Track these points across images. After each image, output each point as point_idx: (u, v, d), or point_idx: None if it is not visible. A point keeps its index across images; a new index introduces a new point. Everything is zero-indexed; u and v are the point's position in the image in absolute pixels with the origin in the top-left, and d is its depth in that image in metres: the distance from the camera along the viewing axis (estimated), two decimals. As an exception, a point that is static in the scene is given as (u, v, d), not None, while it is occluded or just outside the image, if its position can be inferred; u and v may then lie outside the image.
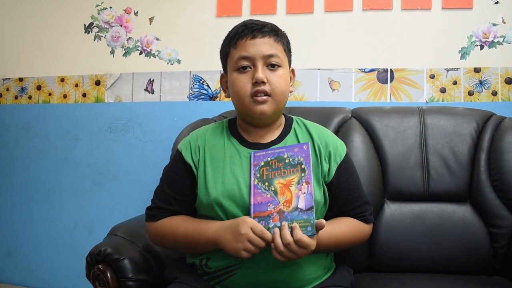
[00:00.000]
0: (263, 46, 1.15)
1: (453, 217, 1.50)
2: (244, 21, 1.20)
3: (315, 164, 1.19)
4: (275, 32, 1.18)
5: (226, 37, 1.22)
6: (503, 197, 1.48)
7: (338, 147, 1.25)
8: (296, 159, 1.10)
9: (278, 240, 0.99)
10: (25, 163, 2.26)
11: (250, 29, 1.16)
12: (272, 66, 1.15)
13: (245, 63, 1.15)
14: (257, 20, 1.19)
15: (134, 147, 2.13)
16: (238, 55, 1.15)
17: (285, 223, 1.01)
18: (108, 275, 1.19)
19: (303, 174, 1.08)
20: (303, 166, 1.09)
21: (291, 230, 1.00)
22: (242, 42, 1.16)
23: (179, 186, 1.20)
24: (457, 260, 1.47)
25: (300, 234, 0.98)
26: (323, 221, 1.01)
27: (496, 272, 1.46)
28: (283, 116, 1.28)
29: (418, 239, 1.49)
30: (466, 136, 1.57)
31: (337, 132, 1.63)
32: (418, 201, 1.54)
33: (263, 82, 1.13)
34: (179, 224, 1.16)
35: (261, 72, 1.13)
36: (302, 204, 1.04)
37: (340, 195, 1.21)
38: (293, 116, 1.31)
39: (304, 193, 1.05)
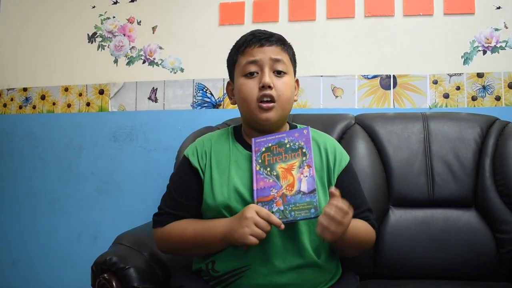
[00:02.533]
0: (271, 52, 1.19)
1: (458, 223, 1.50)
2: (252, 30, 1.24)
3: (321, 169, 1.20)
4: (282, 42, 1.23)
5: (234, 45, 1.25)
6: (509, 202, 1.48)
7: (343, 154, 1.27)
8: (297, 143, 1.12)
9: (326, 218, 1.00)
10: (29, 172, 2.26)
11: (258, 38, 1.20)
12: (279, 73, 1.18)
13: (253, 68, 1.18)
14: (264, 30, 1.23)
15: (138, 156, 2.13)
16: (245, 60, 1.19)
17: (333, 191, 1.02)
18: (114, 284, 1.19)
19: (304, 158, 1.09)
20: (304, 150, 1.10)
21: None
22: (250, 49, 1.19)
23: (186, 191, 1.21)
24: (463, 266, 1.46)
25: (339, 202, 1.00)
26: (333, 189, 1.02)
27: (502, 277, 1.45)
28: (287, 124, 1.30)
29: (423, 245, 1.48)
30: (470, 142, 1.56)
31: (340, 138, 1.64)
32: (423, 207, 1.54)
33: (270, 87, 1.15)
34: (187, 225, 1.17)
35: (268, 77, 1.16)
36: (304, 187, 1.06)
37: (345, 199, 1.20)
38: (297, 124, 1.32)
39: (306, 176, 1.07)
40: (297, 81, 1.30)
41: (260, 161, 1.13)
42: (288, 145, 1.13)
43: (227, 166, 1.20)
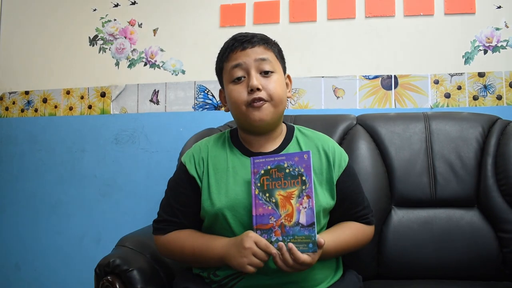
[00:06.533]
0: (254, 53, 1.17)
1: (461, 222, 1.50)
2: (234, 35, 1.22)
3: (320, 171, 1.20)
4: (265, 41, 1.20)
5: (219, 53, 1.24)
6: (511, 201, 1.47)
7: (342, 154, 1.27)
8: (296, 169, 1.08)
9: (280, 263, 1.02)
10: (32, 175, 2.26)
11: (240, 41, 1.18)
12: (266, 73, 1.16)
13: (239, 72, 1.16)
14: (246, 33, 1.21)
15: (140, 158, 2.14)
16: (230, 65, 1.18)
17: (282, 244, 1.02)
18: (117, 286, 1.19)
19: (303, 187, 1.06)
20: (303, 178, 1.07)
21: (289, 250, 1.02)
22: (233, 54, 1.18)
23: (184, 198, 1.21)
24: (466, 265, 1.46)
25: (300, 256, 1.01)
26: (321, 241, 1.03)
27: (505, 277, 1.45)
28: (284, 125, 1.29)
29: (426, 245, 1.48)
30: (472, 141, 1.56)
31: (342, 139, 1.64)
32: (425, 207, 1.54)
33: (258, 89, 1.14)
34: (186, 240, 1.17)
35: (255, 79, 1.14)
36: (303, 220, 1.04)
37: (346, 199, 1.22)
38: (294, 125, 1.32)
39: (305, 207, 1.05)
40: (288, 76, 1.28)
41: (259, 184, 1.10)
42: (287, 170, 1.09)
43: (224, 172, 1.19)
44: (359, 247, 1.25)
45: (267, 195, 1.09)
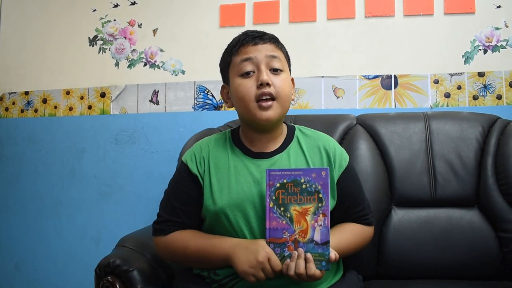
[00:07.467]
0: (266, 49, 1.17)
1: (461, 222, 1.50)
2: (244, 31, 1.22)
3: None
4: (276, 40, 1.21)
5: (227, 48, 1.23)
6: (511, 201, 1.47)
7: (343, 153, 1.27)
8: (313, 186, 1.06)
9: (292, 265, 1.02)
10: (32, 176, 2.26)
11: (251, 37, 1.18)
12: (275, 71, 1.16)
13: (249, 67, 1.16)
14: (257, 30, 1.21)
15: (140, 158, 2.14)
16: (240, 58, 1.17)
17: (301, 250, 1.02)
18: (118, 286, 1.19)
19: (320, 205, 1.05)
20: (320, 196, 1.05)
21: (306, 261, 1.02)
22: (244, 48, 1.17)
23: (186, 198, 1.20)
24: (466, 265, 1.46)
25: (313, 269, 1.01)
26: (332, 256, 1.03)
27: (506, 277, 1.44)
28: (285, 125, 1.28)
29: (426, 245, 1.48)
30: (472, 141, 1.56)
31: (342, 139, 1.64)
32: (425, 207, 1.54)
33: (268, 84, 1.13)
34: (190, 239, 1.16)
35: (266, 74, 1.14)
36: (317, 237, 1.03)
37: (346, 199, 1.22)
38: (295, 125, 1.32)
39: (321, 225, 1.04)
40: (292, 80, 1.28)
41: (274, 197, 1.07)
42: (304, 186, 1.07)
43: (226, 172, 1.19)
44: (360, 249, 1.25)
45: (281, 209, 1.07)
